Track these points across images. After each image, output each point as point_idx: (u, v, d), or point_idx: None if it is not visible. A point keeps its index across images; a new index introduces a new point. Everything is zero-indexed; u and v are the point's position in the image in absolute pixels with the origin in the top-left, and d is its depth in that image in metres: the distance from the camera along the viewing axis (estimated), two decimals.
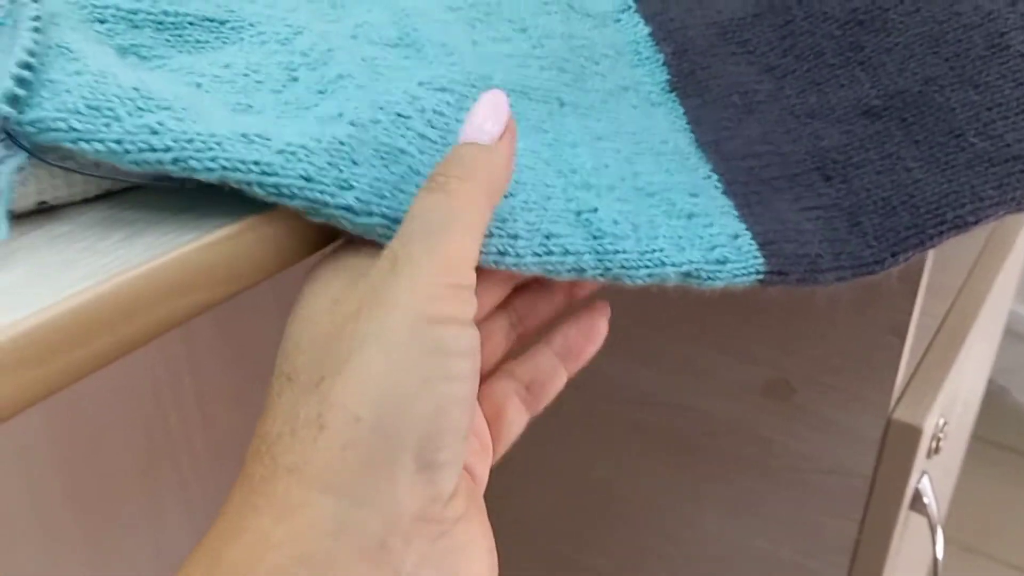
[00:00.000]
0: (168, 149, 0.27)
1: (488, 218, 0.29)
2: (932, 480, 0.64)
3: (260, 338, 0.62)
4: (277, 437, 0.26)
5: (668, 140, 0.40)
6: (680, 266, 0.35)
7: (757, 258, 0.36)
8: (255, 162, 0.27)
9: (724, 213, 0.38)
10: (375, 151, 0.30)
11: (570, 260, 0.32)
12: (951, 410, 0.70)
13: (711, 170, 0.40)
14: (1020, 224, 0.86)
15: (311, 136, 0.29)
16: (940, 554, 0.68)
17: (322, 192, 0.28)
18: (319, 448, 0.25)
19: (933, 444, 0.63)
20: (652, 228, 0.35)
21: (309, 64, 0.34)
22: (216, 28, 0.34)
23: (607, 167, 0.37)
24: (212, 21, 0.34)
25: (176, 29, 0.34)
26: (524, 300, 0.37)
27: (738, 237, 0.37)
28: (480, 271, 0.33)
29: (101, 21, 0.32)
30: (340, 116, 0.31)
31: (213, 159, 0.27)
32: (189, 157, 0.27)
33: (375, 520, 0.25)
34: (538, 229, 0.32)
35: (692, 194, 0.38)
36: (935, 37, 0.40)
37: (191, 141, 0.27)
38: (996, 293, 0.79)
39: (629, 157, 0.38)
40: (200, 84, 0.31)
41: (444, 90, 0.34)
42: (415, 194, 0.29)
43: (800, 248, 0.37)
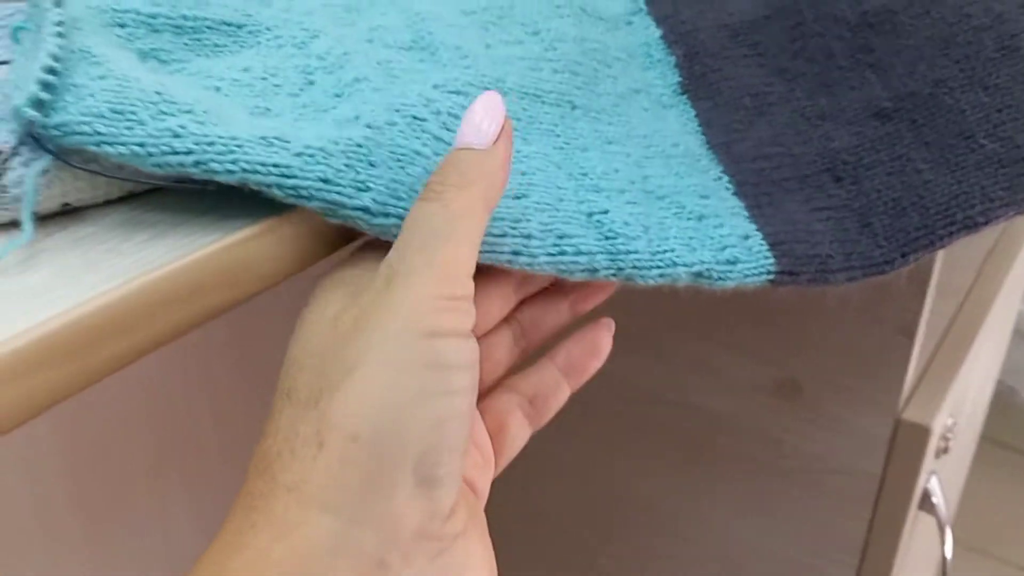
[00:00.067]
0: (190, 152, 0.27)
1: (485, 225, 0.29)
2: (941, 480, 0.64)
3: (271, 340, 0.62)
4: (277, 455, 0.26)
5: (679, 143, 0.40)
6: (691, 266, 0.35)
7: (768, 258, 0.37)
8: (274, 164, 0.28)
9: (735, 214, 0.38)
10: (391, 153, 0.30)
11: (583, 260, 0.33)
12: (960, 410, 0.70)
13: (722, 171, 0.40)
14: None
15: (329, 138, 0.29)
16: (949, 554, 0.68)
17: (340, 193, 0.28)
18: (318, 467, 0.25)
19: (942, 444, 0.63)
20: (663, 229, 0.35)
21: (326, 67, 0.34)
22: (234, 32, 0.35)
23: (617, 171, 0.37)
24: (230, 25, 0.35)
25: (195, 33, 0.34)
26: (528, 313, 0.36)
27: (749, 238, 0.37)
28: (485, 285, 0.33)
29: (121, 25, 0.32)
30: (357, 119, 0.31)
31: (234, 162, 0.27)
32: (210, 160, 0.27)
33: (374, 538, 0.25)
34: (551, 229, 0.32)
35: (702, 196, 0.38)
36: (945, 39, 0.40)
37: (212, 144, 0.27)
38: (1005, 293, 0.79)
39: (639, 161, 0.38)
40: (219, 88, 0.32)
41: (458, 93, 0.34)
42: None
43: (811, 248, 0.37)
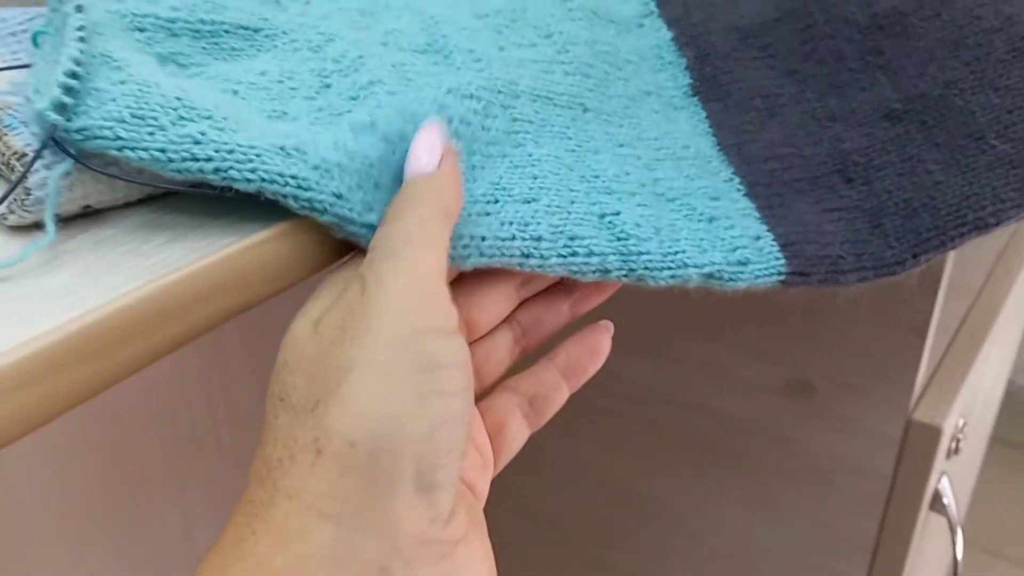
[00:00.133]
0: (210, 159, 0.28)
1: (448, 234, 0.29)
2: (952, 480, 0.64)
3: None
4: (278, 462, 0.26)
5: (690, 144, 0.41)
6: (702, 267, 0.35)
7: (779, 259, 0.37)
8: (292, 176, 0.28)
9: (746, 215, 0.38)
10: (396, 175, 0.31)
11: (595, 261, 0.33)
12: (971, 410, 0.70)
13: (733, 172, 0.40)
14: None
15: (346, 151, 0.30)
16: (960, 554, 0.68)
17: (351, 210, 0.29)
18: (317, 474, 0.25)
19: (952, 445, 0.63)
20: (674, 231, 0.36)
21: (341, 71, 0.34)
22: (251, 36, 0.35)
23: (628, 174, 0.37)
24: (247, 29, 0.35)
25: (212, 37, 0.34)
26: (529, 313, 0.36)
27: (760, 238, 0.37)
28: (486, 284, 0.33)
29: (141, 30, 0.33)
30: (372, 126, 0.32)
31: (252, 171, 0.28)
32: (230, 167, 0.28)
33: (375, 546, 0.25)
34: (562, 231, 0.33)
35: (713, 197, 0.39)
36: (956, 41, 0.40)
37: (232, 152, 0.28)
38: (1016, 294, 0.79)
39: (649, 163, 0.39)
40: (236, 91, 0.32)
41: (471, 97, 0.35)
42: None
43: (822, 249, 0.37)
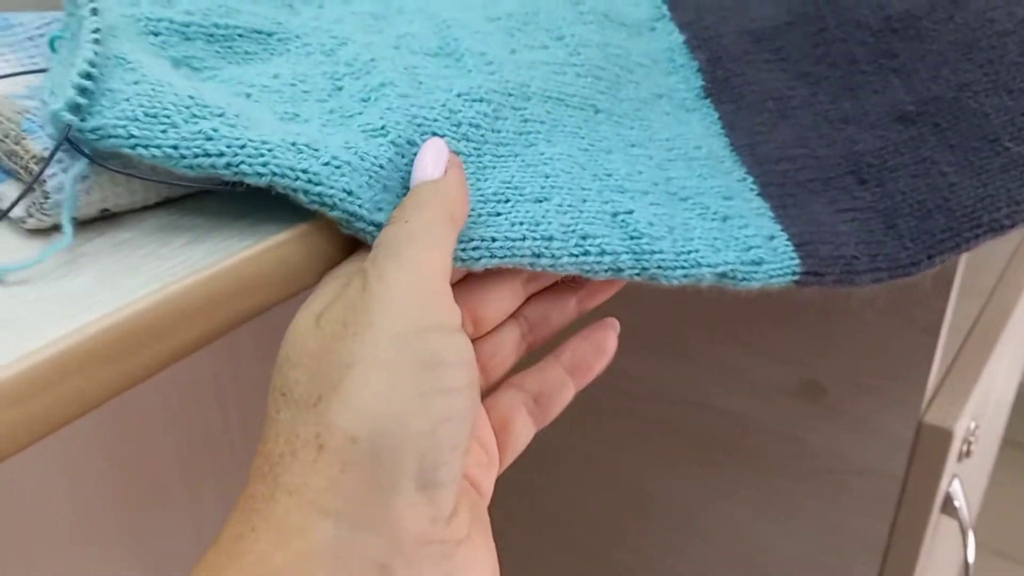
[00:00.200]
0: (222, 154, 0.28)
1: (454, 237, 0.29)
2: (963, 483, 0.64)
3: None
4: (279, 458, 0.25)
5: (702, 145, 0.41)
6: (716, 267, 0.35)
7: (793, 259, 0.37)
8: (303, 170, 0.28)
9: (759, 215, 0.38)
10: (404, 178, 0.31)
11: (607, 260, 0.33)
12: (982, 413, 0.70)
13: (746, 173, 0.40)
14: None
15: (355, 152, 0.30)
16: (971, 557, 0.68)
17: (360, 206, 0.29)
18: (318, 470, 0.25)
19: (964, 447, 0.63)
20: (687, 230, 0.36)
21: (353, 74, 0.34)
22: (264, 40, 0.35)
23: (641, 173, 0.37)
24: (260, 33, 0.35)
25: (226, 41, 0.34)
26: (536, 309, 0.36)
27: (774, 238, 0.37)
28: (494, 279, 0.33)
29: (155, 34, 0.33)
30: (383, 130, 0.32)
31: (264, 164, 0.28)
32: (241, 162, 0.28)
33: (376, 544, 0.25)
34: (574, 230, 0.33)
35: (726, 197, 0.39)
36: (969, 44, 0.40)
37: (244, 147, 0.28)
38: None
39: (661, 163, 0.39)
40: (250, 94, 0.32)
41: (482, 101, 0.35)
42: None
43: (836, 250, 0.37)
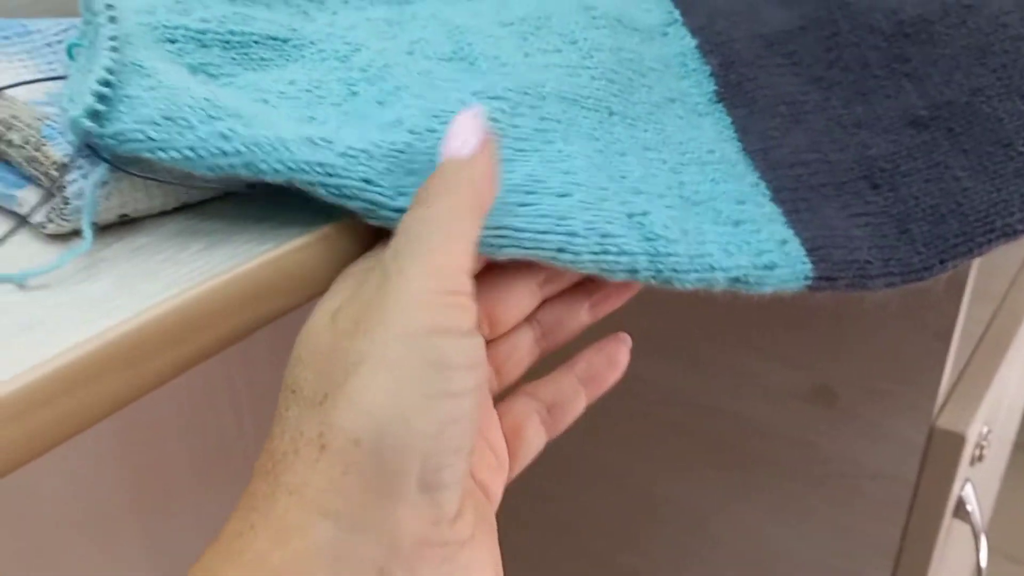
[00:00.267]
0: (239, 153, 0.28)
1: (477, 226, 0.29)
2: (975, 487, 0.64)
3: None
4: (283, 456, 0.25)
5: (715, 149, 0.41)
6: (729, 271, 0.35)
7: (805, 264, 0.37)
8: (319, 164, 0.29)
9: (772, 220, 0.38)
10: (430, 160, 0.31)
11: (625, 260, 0.33)
12: (995, 417, 0.70)
13: (759, 177, 0.40)
14: None
15: (372, 141, 0.30)
16: (984, 562, 0.68)
17: (380, 194, 0.29)
18: (319, 470, 0.25)
19: (976, 452, 0.63)
20: (700, 234, 0.36)
21: (368, 79, 0.35)
22: (279, 46, 0.36)
23: (654, 176, 0.37)
24: (275, 39, 0.36)
25: (242, 48, 0.35)
26: (549, 314, 0.36)
27: (786, 243, 0.37)
28: (511, 279, 0.33)
29: (172, 41, 0.33)
30: (399, 122, 0.32)
31: (280, 161, 0.28)
32: (259, 160, 0.28)
33: (375, 546, 0.25)
34: (595, 228, 0.33)
35: (739, 201, 0.39)
36: (982, 48, 0.40)
37: (259, 145, 0.28)
38: None
39: (675, 167, 0.39)
40: (267, 100, 0.33)
41: (498, 98, 0.35)
42: None
43: (849, 254, 0.37)
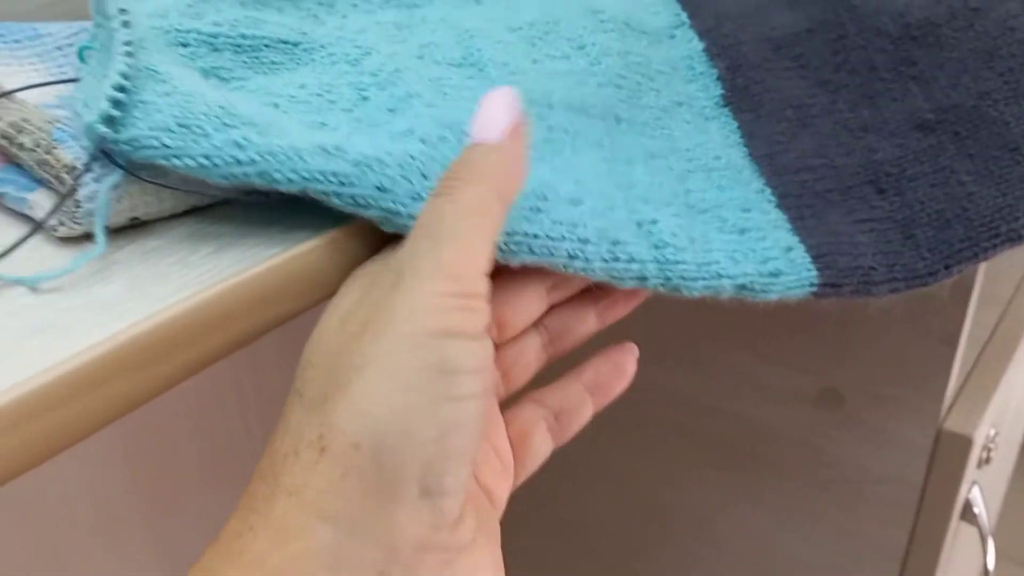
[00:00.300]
0: (253, 162, 0.28)
1: (500, 220, 0.28)
2: (983, 490, 0.64)
3: None
4: (283, 457, 0.25)
5: (721, 155, 0.41)
6: (735, 278, 0.35)
7: (811, 271, 0.37)
8: (333, 173, 0.29)
9: (777, 227, 0.38)
10: (443, 167, 0.31)
11: (635, 268, 0.33)
12: (1002, 420, 0.70)
13: (764, 184, 0.40)
14: None
15: (384, 149, 0.30)
16: (991, 565, 0.67)
17: (395, 202, 0.29)
18: (319, 473, 0.24)
19: (984, 454, 0.63)
20: (706, 242, 0.36)
21: (378, 84, 0.35)
22: (290, 50, 0.36)
23: (661, 185, 0.38)
24: (286, 43, 0.36)
25: (253, 52, 0.35)
26: (556, 320, 0.36)
27: (791, 250, 0.37)
28: (520, 283, 0.33)
29: (184, 45, 0.34)
30: (411, 132, 0.32)
31: (294, 171, 0.28)
32: (273, 169, 0.28)
33: (374, 550, 0.24)
34: (606, 235, 0.33)
35: (744, 209, 0.39)
36: (989, 52, 0.40)
37: (274, 154, 0.28)
38: None
39: (681, 175, 0.39)
40: (277, 104, 0.33)
41: None
42: None
43: (854, 261, 0.37)
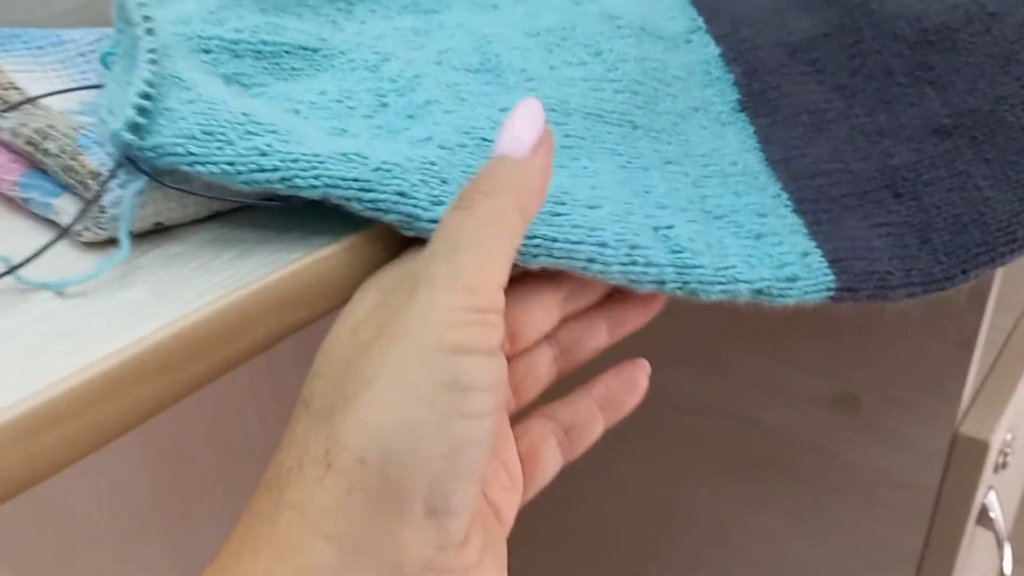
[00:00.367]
0: (276, 169, 0.29)
1: (521, 235, 0.27)
2: (999, 495, 0.64)
3: None
4: (288, 470, 0.25)
5: (737, 161, 0.41)
6: (752, 283, 0.35)
7: (827, 275, 0.37)
8: (354, 179, 0.29)
9: (794, 231, 0.39)
10: (463, 172, 0.32)
11: (653, 272, 0.33)
12: (1018, 425, 0.69)
13: (781, 188, 0.40)
14: None
15: (404, 156, 0.31)
16: (1008, 569, 0.67)
17: (415, 206, 0.30)
18: (324, 488, 0.24)
19: (1000, 459, 0.63)
20: (723, 247, 0.36)
21: (397, 90, 0.35)
22: (309, 56, 0.36)
23: (677, 191, 0.38)
24: (306, 49, 0.36)
25: (273, 58, 0.35)
26: (568, 333, 0.35)
27: (808, 255, 0.37)
28: (532, 294, 0.33)
29: (206, 51, 0.34)
30: (430, 139, 0.33)
31: (316, 177, 0.29)
32: (295, 176, 0.29)
33: (378, 570, 0.24)
34: (624, 240, 0.33)
35: (760, 214, 0.39)
36: (1006, 56, 0.40)
37: (296, 161, 0.29)
38: None
39: (697, 181, 0.39)
40: (298, 111, 0.33)
41: None
42: None
43: (870, 265, 0.38)
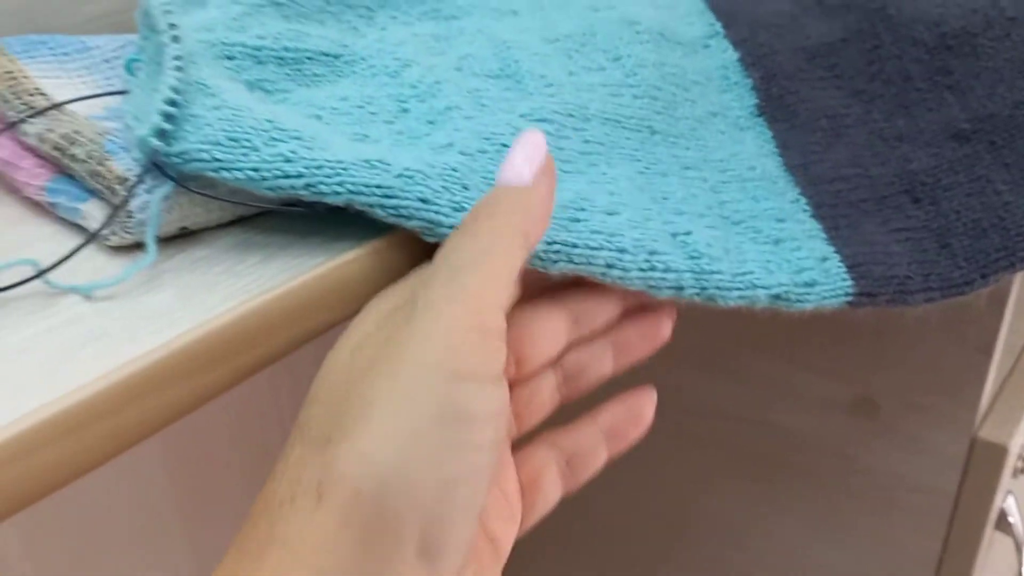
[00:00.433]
0: (300, 175, 0.29)
1: (522, 260, 0.27)
2: (1018, 500, 0.64)
3: None
4: (279, 503, 0.24)
5: (756, 166, 0.41)
6: (770, 288, 0.35)
7: (846, 280, 0.37)
8: (377, 186, 0.30)
9: (812, 236, 0.39)
10: (483, 178, 0.32)
11: (671, 278, 0.33)
12: None
13: (799, 193, 0.40)
14: None
15: (426, 162, 0.31)
16: None
17: (437, 212, 0.30)
18: (316, 523, 0.23)
19: (1019, 463, 0.62)
20: (740, 253, 0.36)
21: (418, 96, 0.36)
22: (331, 62, 0.37)
23: (695, 196, 0.38)
24: (328, 55, 0.37)
25: (296, 64, 0.36)
26: (573, 360, 0.34)
27: (826, 260, 0.37)
28: (540, 318, 0.33)
29: (230, 58, 0.35)
30: (450, 146, 0.33)
31: (340, 183, 0.29)
32: (319, 182, 0.29)
33: None
34: (643, 246, 0.33)
35: (779, 219, 0.39)
36: None
37: (320, 168, 0.29)
38: None
39: (715, 186, 0.39)
40: (320, 116, 0.34)
41: (544, 120, 0.36)
42: None
43: (889, 270, 0.38)
